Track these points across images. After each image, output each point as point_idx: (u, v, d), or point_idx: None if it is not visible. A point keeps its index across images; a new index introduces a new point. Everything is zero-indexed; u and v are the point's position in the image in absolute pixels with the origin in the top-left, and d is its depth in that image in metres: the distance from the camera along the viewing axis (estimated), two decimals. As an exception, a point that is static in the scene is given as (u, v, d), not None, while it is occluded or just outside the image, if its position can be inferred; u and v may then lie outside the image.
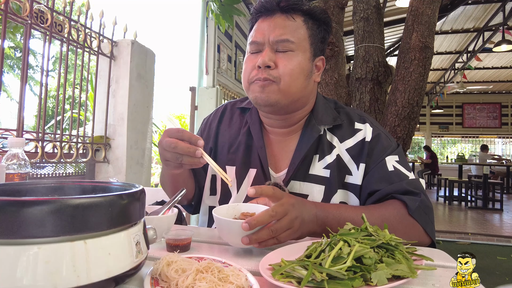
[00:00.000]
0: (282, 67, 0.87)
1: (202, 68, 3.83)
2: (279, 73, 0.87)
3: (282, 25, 0.89)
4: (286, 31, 0.89)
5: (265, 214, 0.67)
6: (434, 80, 10.90)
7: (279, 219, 0.69)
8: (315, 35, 0.93)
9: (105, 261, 0.47)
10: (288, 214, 0.70)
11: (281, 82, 0.87)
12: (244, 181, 0.99)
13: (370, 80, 2.43)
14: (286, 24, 0.90)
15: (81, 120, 3.55)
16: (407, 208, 0.83)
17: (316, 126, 0.95)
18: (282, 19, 0.90)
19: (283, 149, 0.99)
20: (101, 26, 2.29)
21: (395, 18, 6.01)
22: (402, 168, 0.91)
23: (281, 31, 0.89)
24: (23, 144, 1.00)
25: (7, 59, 12.65)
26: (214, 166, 0.79)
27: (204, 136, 1.10)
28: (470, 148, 13.59)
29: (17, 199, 0.43)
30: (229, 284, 0.51)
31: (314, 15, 0.93)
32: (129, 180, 2.39)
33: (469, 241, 4.32)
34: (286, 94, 0.89)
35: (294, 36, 0.89)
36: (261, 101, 0.89)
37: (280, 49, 0.89)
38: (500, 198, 6.57)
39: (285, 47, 0.88)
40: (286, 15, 0.90)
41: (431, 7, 2.21)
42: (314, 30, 0.93)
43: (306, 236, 0.78)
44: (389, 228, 0.73)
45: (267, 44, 0.89)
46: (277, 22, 0.90)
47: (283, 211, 0.70)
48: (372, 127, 0.96)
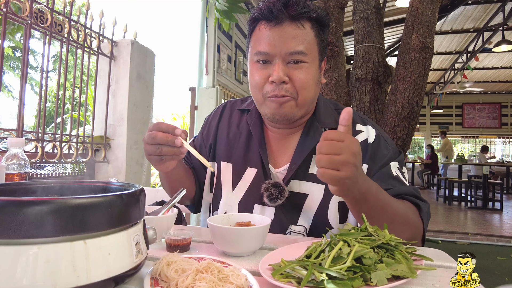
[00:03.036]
0: (298, 82, 0.85)
1: (202, 68, 3.83)
2: (295, 88, 0.86)
3: (293, 35, 0.84)
4: (298, 42, 0.85)
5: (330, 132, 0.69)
6: (434, 80, 10.89)
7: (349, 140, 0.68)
8: (322, 40, 0.91)
9: (105, 261, 0.47)
10: (348, 146, 0.67)
11: (298, 98, 0.87)
12: (241, 180, 0.99)
13: (370, 80, 2.43)
14: (297, 34, 0.85)
15: (81, 120, 3.55)
16: (419, 210, 0.86)
17: (319, 129, 0.95)
18: (293, 29, 0.85)
19: (283, 146, 0.99)
20: (101, 26, 2.29)
21: (395, 18, 6.01)
22: (401, 177, 0.92)
23: (294, 43, 0.84)
24: (23, 144, 1.00)
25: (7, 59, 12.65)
26: (193, 152, 0.80)
27: (205, 133, 1.11)
28: (470, 148, 13.59)
29: (17, 199, 0.43)
30: (229, 284, 0.51)
31: (321, 20, 0.89)
32: (129, 180, 2.39)
33: (469, 241, 4.32)
34: (302, 107, 0.90)
35: (306, 47, 0.86)
36: (279, 117, 0.90)
37: (293, 61, 0.85)
38: (500, 198, 6.57)
39: (298, 59, 0.85)
40: (296, 23, 0.85)
41: (431, 7, 2.21)
42: (320, 35, 0.90)
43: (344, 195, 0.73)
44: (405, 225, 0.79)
45: (278, 57, 0.85)
46: (288, 33, 0.84)
47: (344, 137, 0.68)
48: (375, 129, 0.96)
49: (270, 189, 0.91)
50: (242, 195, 0.97)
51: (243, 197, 0.97)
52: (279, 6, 0.84)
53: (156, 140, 0.78)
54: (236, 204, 0.98)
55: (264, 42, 0.86)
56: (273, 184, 0.92)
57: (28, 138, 1.87)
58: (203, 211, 1.12)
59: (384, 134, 0.98)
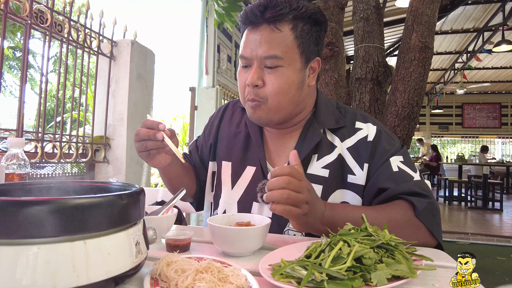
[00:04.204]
0: (269, 86, 0.86)
1: (202, 68, 3.83)
2: (266, 92, 0.86)
3: (267, 39, 0.84)
4: (273, 46, 0.84)
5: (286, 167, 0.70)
6: (434, 80, 10.90)
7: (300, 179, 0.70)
8: (306, 40, 0.88)
9: (104, 261, 0.47)
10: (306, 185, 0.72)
11: (268, 101, 0.87)
12: (241, 178, 0.99)
13: (370, 80, 2.43)
14: (272, 37, 0.84)
15: (81, 120, 3.55)
16: (414, 209, 0.83)
17: (317, 130, 0.94)
18: (268, 32, 0.84)
19: (281, 145, 0.99)
20: (101, 26, 2.29)
21: (395, 18, 6.01)
22: (407, 169, 0.90)
23: (267, 47, 0.84)
24: (22, 144, 1.00)
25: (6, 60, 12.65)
26: (171, 146, 0.82)
27: (206, 133, 1.12)
28: (470, 148, 13.59)
29: (17, 199, 0.43)
30: (229, 284, 0.51)
31: (304, 18, 0.87)
32: (128, 180, 2.39)
33: (469, 241, 4.32)
34: (277, 111, 0.89)
35: (282, 50, 0.84)
36: (255, 121, 0.93)
37: (268, 65, 0.85)
38: (500, 198, 6.57)
39: (273, 63, 0.85)
40: (271, 26, 0.84)
41: (431, 7, 2.21)
42: (304, 35, 0.87)
43: (309, 231, 0.78)
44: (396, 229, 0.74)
45: (255, 60, 0.86)
46: (263, 36, 0.84)
47: (301, 177, 0.71)
48: (375, 126, 0.95)
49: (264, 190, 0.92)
50: (241, 194, 0.98)
51: (242, 195, 0.97)
52: (255, 10, 0.85)
53: (140, 136, 0.82)
54: (235, 202, 0.98)
55: (245, 46, 0.88)
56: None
57: (28, 138, 1.87)
58: (205, 210, 1.12)
59: (387, 130, 0.98)
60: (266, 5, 0.84)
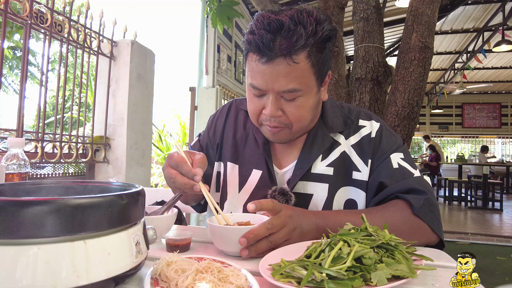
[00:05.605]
0: (291, 116, 0.84)
1: (202, 68, 3.84)
2: (289, 119, 0.85)
3: (284, 73, 0.78)
4: (290, 80, 0.79)
5: (262, 227, 0.69)
6: (434, 80, 10.90)
7: (277, 231, 0.70)
8: (321, 63, 0.83)
9: (105, 261, 0.47)
10: (286, 226, 0.72)
11: (293, 127, 0.87)
12: (248, 181, 0.99)
13: (370, 80, 2.43)
14: (288, 71, 0.78)
15: (81, 120, 3.55)
16: (412, 207, 0.83)
17: (327, 136, 0.95)
18: (285, 66, 0.77)
19: (288, 148, 0.99)
20: (101, 26, 2.29)
21: (395, 18, 6.01)
22: (407, 165, 0.91)
23: (285, 81, 0.79)
24: (22, 144, 1.00)
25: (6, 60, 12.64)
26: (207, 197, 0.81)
27: (211, 132, 1.10)
28: (470, 148, 13.59)
29: (17, 199, 0.43)
30: (229, 284, 0.51)
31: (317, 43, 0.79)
32: (129, 180, 2.39)
33: (469, 241, 4.32)
34: (299, 131, 0.90)
35: (299, 82, 0.80)
36: (275, 141, 0.93)
37: (287, 98, 0.82)
38: (500, 198, 6.57)
39: (291, 96, 0.82)
40: (287, 60, 0.77)
41: (431, 7, 2.21)
42: (319, 59, 0.81)
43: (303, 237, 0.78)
44: (394, 229, 0.74)
45: (271, 92, 0.81)
46: (280, 70, 0.78)
47: (281, 224, 0.71)
48: (379, 122, 0.97)
49: (278, 197, 0.92)
50: (248, 197, 0.97)
51: (249, 198, 0.97)
52: (267, 42, 0.76)
53: (176, 184, 0.78)
54: (241, 205, 0.98)
55: (257, 76, 0.81)
56: (279, 192, 0.92)
57: (28, 138, 1.87)
58: (209, 211, 1.12)
59: (389, 127, 0.99)
60: (278, 33, 0.76)
